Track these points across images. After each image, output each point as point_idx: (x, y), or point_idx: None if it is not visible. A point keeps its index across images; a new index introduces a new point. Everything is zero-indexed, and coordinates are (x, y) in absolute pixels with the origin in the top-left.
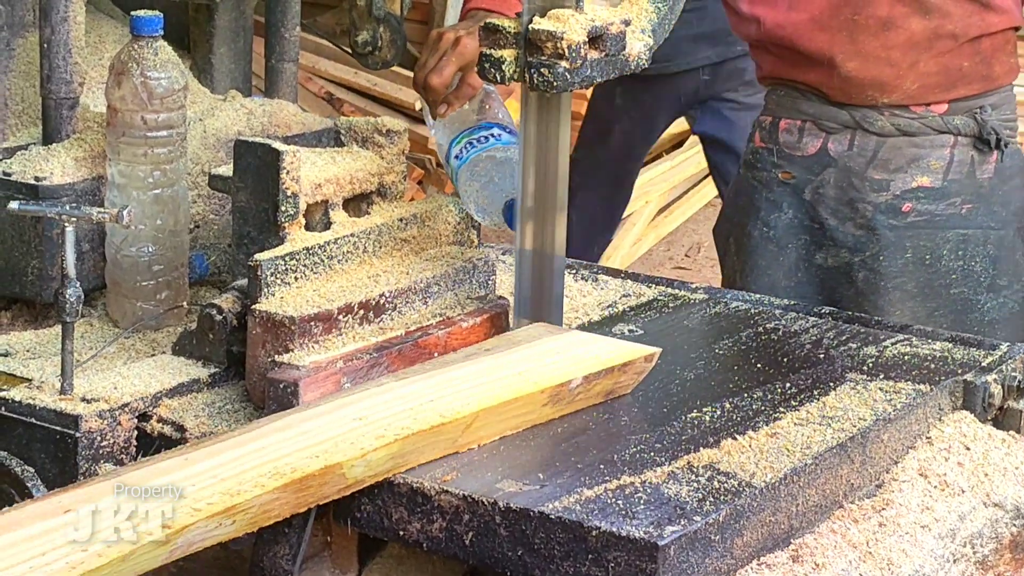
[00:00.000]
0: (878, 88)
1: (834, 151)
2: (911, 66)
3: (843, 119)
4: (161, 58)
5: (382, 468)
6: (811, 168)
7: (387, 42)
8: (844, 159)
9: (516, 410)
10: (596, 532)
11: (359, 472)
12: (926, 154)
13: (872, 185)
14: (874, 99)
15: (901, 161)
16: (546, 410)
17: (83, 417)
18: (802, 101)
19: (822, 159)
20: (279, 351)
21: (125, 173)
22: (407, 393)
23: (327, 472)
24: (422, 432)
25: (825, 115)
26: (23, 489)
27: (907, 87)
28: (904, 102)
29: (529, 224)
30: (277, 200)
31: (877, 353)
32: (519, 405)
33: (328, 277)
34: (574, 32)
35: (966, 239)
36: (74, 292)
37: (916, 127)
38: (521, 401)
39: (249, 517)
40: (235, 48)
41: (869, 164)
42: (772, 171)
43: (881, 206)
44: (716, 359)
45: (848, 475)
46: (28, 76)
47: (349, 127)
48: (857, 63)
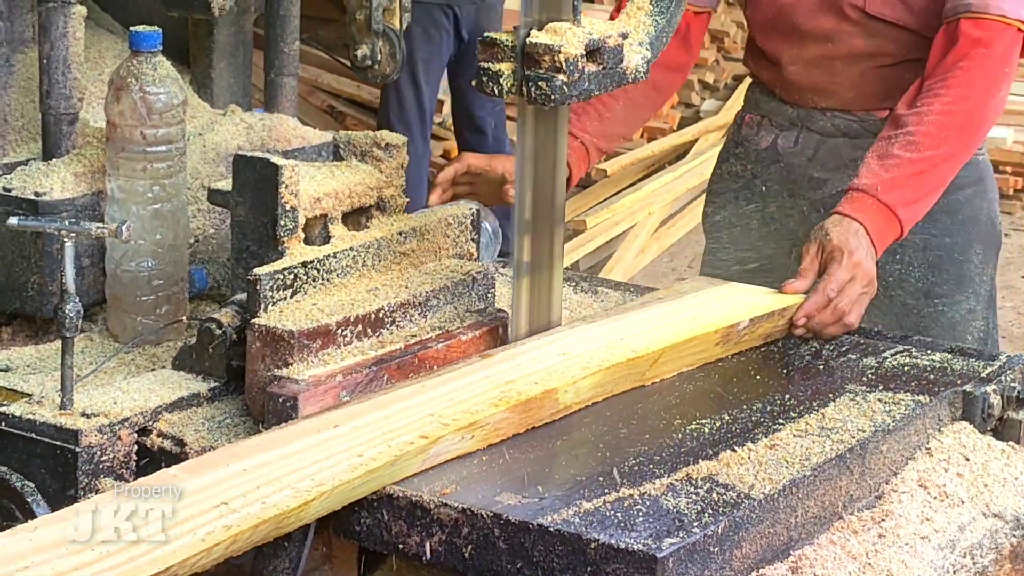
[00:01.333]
0: (817, 92)
1: (781, 147)
2: (848, 76)
3: (791, 116)
4: (160, 73)
5: (586, 396)
6: (763, 161)
7: (386, 56)
8: (789, 155)
9: (693, 348)
10: (595, 544)
11: (569, 398)
12: (864, 156)
13: (811, 183)
14: (815, 102)
15: (839, 161)
16: (717, 349)
17: (83, 432)
18: (761, 98)
19: (772, 154)
20: (278, 365)
21: (124, 188)
22: (599, 333)
23: (545, 396)
24: (618, 364)
25: (776, 112)
26: (23, 504)
27: (843, 94)
28: (843, 107)
29: (527, 237)
30: (276, 214)
31: (876, 364)
32: (696, 344)
33: (327, 291)
34: (572, 45)
35: (903, 244)
36: (74, 307)
37: (856, 129)
38: (698, 340)
39: (484, 434)
40: (234, 62)
41: (809, 162)
42: (732, 162)
43: (817, 203)
44: (715, 371)
45: (847, 486)
46: (28, 92)
47: (348, 141)
48: (799, 67)
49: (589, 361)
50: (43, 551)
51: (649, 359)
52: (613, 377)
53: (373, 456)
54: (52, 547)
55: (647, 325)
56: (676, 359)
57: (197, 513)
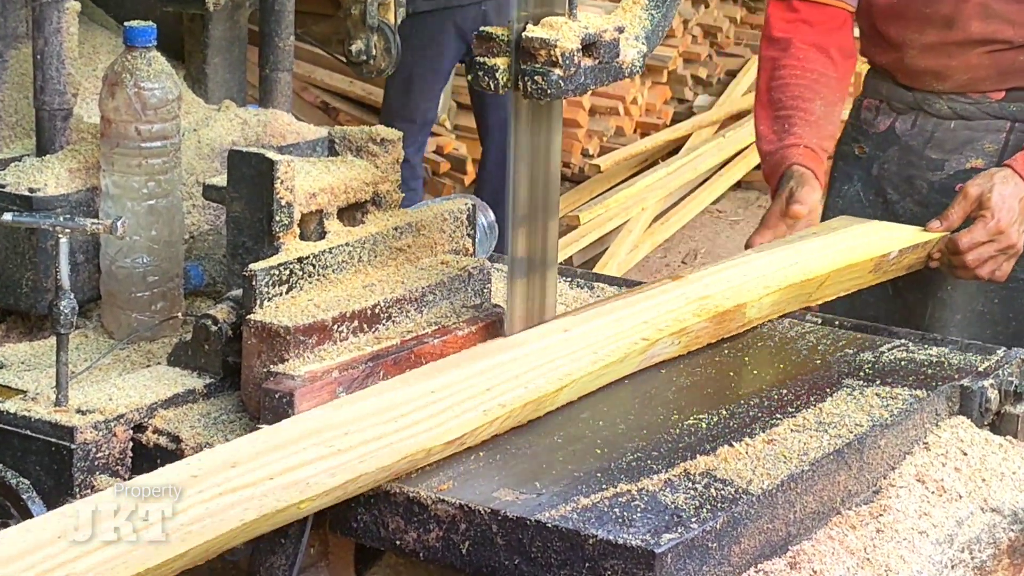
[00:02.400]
0: (934, 76)
1: (899, 129)
2: (964, 60)
3: (908, 100)
4: (155, 68)
5: (767, 311)
6: (880, 144)
7: (381, 51)
8: (907, 138)
9: (852, 274)
10: (593, 540)
11: (754, 313)
12: (980, 137)
13: (929, 164)
14: (931, 85)
15: (956, 143)
16: (869, 276)
17: (78, 429)
18: (879, 83)
19: (889, 137)
20: (274, 361)
21: (119, 184)
22: (774, 259)
23: (736, 310)
24: (793, 285)
25: (895, 96)
26: (18, 501)
27: (959, 77)
28: (959, 89)
29: (521, 231)
30: (272, 210)
31: (874, 359)
32: (854, 270)
33: (323, 287)
34: (567, 40)
35: None
36: (68, 304)
37: (971, 112)
38: (856, 267)
39: (688, 340)
40: (229, 58)
41: (927, 144)
42: (851, 144)
43: (935, 184)
44: (712, 365)
45: (845, 481)
46: (21, 87)
47: (343, 136)
48: (918, 51)
49: (769, 281)
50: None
51: (817, 281)
52: (788, 296)
53: (608, 352)
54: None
55: (813, 253)
56: (837, 283)
57: (466, 397)
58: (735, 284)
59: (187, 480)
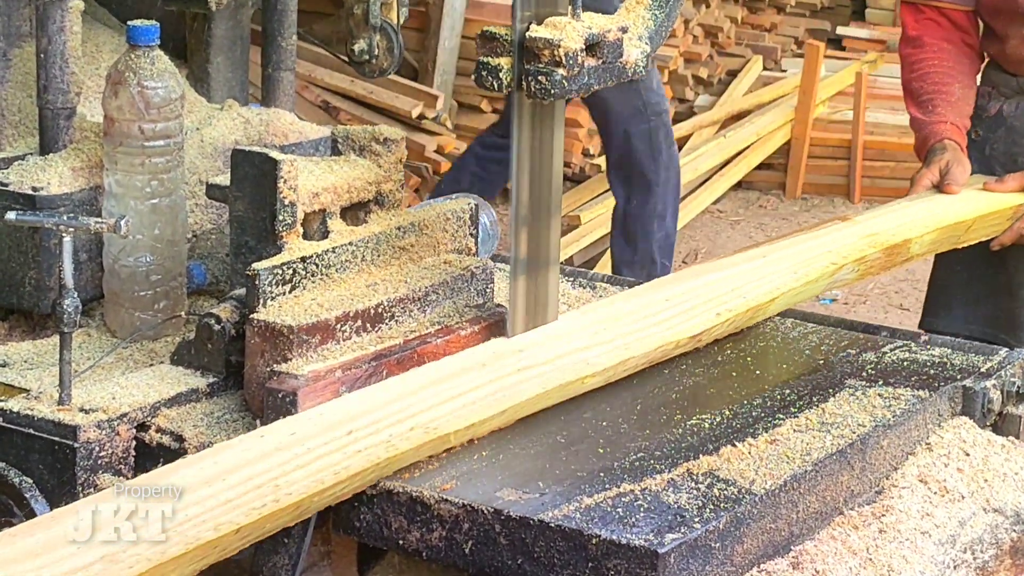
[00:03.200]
0: None
1: (1006, 112)
2: None
3: (1013, 85)
4: (158, 67)
5: (926, 248)
6: (990, 127)
7: (383, 50)
8: (1012, 119)
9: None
10: (596, 540)
11: (916, 249)
12: None
13: None
14: None
15: None
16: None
17: (81, 427)
18: (991, 71)
19: (998, 119)
20: (277, 360)
21: (122, 183)
22: (927, 207)
23: (904, 244)
24: (948, 226)
25: (1002, 82)
26: (21, 500)
27: None
28: None
29: (524, 231)
30: (275, 209)
31: (876, 359)
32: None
33: (326, 286)
34: (571, 39)
35: None
36: (72, 302)
37: None
38: (996, 214)
39: (865, 268)
40: (232, 57)
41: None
42: (973, 129)
43: None
44: (715, 366)
45: (848, 482)
46: (25, 86)
47: (346, 136)
48: (1018, 42)
49: (927, 222)
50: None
51: (966, 225)
52: (943, 236)
53: (805, 273)
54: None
55: (959, 202)
56: (981, 228)
57: (696, 304)
58: (901, 222)
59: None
